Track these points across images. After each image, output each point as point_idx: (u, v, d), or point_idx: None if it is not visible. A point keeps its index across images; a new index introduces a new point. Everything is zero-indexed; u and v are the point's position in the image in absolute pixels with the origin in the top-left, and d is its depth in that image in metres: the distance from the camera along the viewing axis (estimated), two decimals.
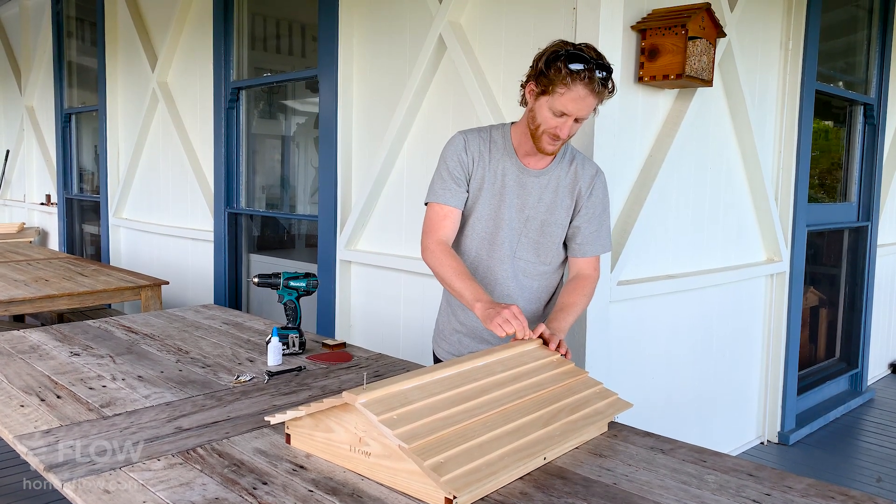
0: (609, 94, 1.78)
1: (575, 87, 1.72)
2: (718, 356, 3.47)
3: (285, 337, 2.16)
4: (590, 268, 1.98)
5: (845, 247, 4.67)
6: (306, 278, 2.23)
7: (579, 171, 1.95)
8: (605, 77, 1.74)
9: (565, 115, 1.76)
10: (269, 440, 1.48)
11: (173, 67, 4.88)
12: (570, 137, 1.84)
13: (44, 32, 6.60)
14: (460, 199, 1.93)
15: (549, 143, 1.83)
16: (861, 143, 4.57)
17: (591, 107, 1.77)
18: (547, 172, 1.93)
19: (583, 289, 1.94)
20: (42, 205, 7.06)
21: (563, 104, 1.75)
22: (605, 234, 1.99)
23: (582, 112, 1.77)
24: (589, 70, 1.71)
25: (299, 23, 4.44)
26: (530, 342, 1.72)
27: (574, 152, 1.99)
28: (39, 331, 2.43)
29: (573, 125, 1.80)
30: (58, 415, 1.61)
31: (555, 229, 1.96)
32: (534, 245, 1.97)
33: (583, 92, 1.72)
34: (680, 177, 3.08)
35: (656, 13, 2.72)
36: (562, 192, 1.94)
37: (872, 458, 3.69)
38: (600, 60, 1.74)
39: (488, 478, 1.22)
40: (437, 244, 1.90)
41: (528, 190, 1.93)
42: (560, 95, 1.74)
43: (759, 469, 1.37)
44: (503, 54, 2.85)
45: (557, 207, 1.94)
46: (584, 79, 1.71)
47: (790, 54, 3.60)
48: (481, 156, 1.93)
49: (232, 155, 4.44)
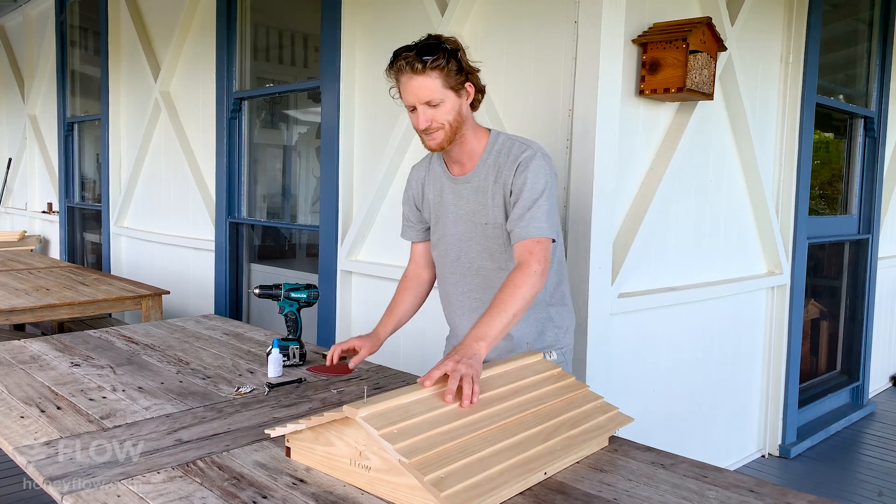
0: (440, 64, 1.75)
1: (401, 77, 1.78)
2: (719, 369, 3.46)
3: (286, 348, 2.16)
4: (523, 253, 1.76)
5: (846, 259, 4.67)
6: (307, 289, 2.23)
7: (501, 160, 1.86)
8: (417, 55, 1.74)
9: (414, 108, 1.80)
10: (270, 453, 1.48)
11: (176, 77, 4.90)
12: (448, 127, 1.81)
13: (47, 41, 6.63)
14: (418, 234, 2.11)
15: (427, 140, 1.84)
16: (861, 155, 4.58)
17: (425, 86, 1.76)
18: (473, 174, 1.90)
19: (513, 281, 1.69)
20: (44, 213, 7.07)
21: (404, 98, 1.81)
22: (535, 216, 1.78)
23: (420, 94, 1.77)
24: (398, 56, 1.77)
25: (302, 34, 4.46)
26: (529, 356, 1.72)
27: (503, 142, 1.89)
28: (40, 341, 2.42)
29: (431, 111, 1.79)
30: (58, 426, 1.61)
31: (495, 230, 1.89)
32: (486, 251, 1.93)
33: (405, 77, 1.77)
34: (681, 189, 3.09)
35: (657, 27, 2.73)
36: (490, 189, 1.87)
37: (874, 471, 3.68)
38: (420, 43, 1.78)
39: (489, 493, 1.22)
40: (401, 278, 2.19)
41: (463, 198, 1.92)
42: (401, 93, 1.82)
43: (760, 485, 1.37)
44: (504, 67, 2.86)
45: (489, 206, 1.88)
46: (401, 67, 1.77)
47: (790, 68, 3.62)
48: (422, 185, 2.03)
49: (234, 164, 4.45)
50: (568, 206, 2.62)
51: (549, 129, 2.69)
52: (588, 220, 2.56)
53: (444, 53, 1.76)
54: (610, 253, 2.69)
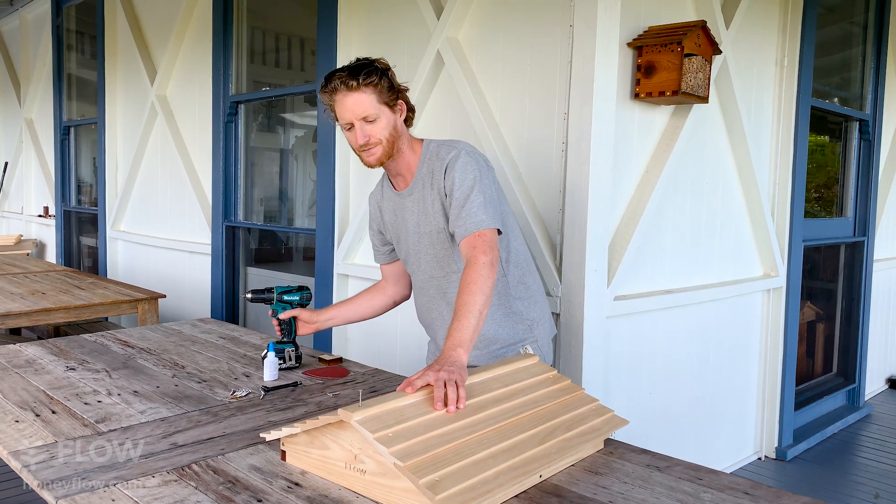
0: (372, 80, 1.79)
1: (335, 96, 1.81)
2: (716, 371, 3.47)
3: (281, 352, 2.16)
4: (468, 249, 1.75)
5: (842, 262, 4.68)
6: (300, 291, 2.22)
7: (435, 166, 1.88)
8: (350, 74, 1.78)
9: (351, 125, 1.83)
10: (265, 456, 1.48)
11: (172, 81, 4.90)
12: (385, 143, 1.85)
13: (44, 45, 6.63)
14: (384, 256, 2.18)
15: (366, 156, 1.87)
16: (857, 158, 4.60)
17: (360, 102, 1.80)
18: (413, 185, 1.95)
19: (465, 280, 1.67)
20: (40, 217, 7.06)
21: (340, 116, 1.84)
22: (470, 211, 1.78)
23: (356, 111, 1.80)
24: (331, 78, 1.81)
25: (298, 37, 4.46)
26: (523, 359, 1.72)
27: (433, 149, 1.92)
28: (35, 345, 2.42)
29: (368, 127, 1.82)
30: (53, 430, 1.60)
31: (439, 235, 1.92)
32: (435, 259, 1.97)
33: (339, 95, 1.80)
34: (676, 192, 3.09)
35: (652, 30, 2.74)
36: (428, 197, 1.91)
37: (870, 473, 3.68)
38: (351, 64, 1.82)
39: (484, 496, 1.22)
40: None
41: (409, 210, 1.97)
42: (336, 113, 1.85)
43: (755, 487, 1.37)
44: (500, 70, 2.87)
45: (430, 213, 1.91)
46: (334, 87, 1.80)
47: (785, 71, 3.63)
48: (380, 209, 2.10)
49: (230, 168, 4.45)
50: (564, 209, 2.63)
51: (545, 133, 2.70)
52: (584, 223, 2.57)
53: (376, 71, 1.81)
54: (606, 256, 2.70)
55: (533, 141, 2.74)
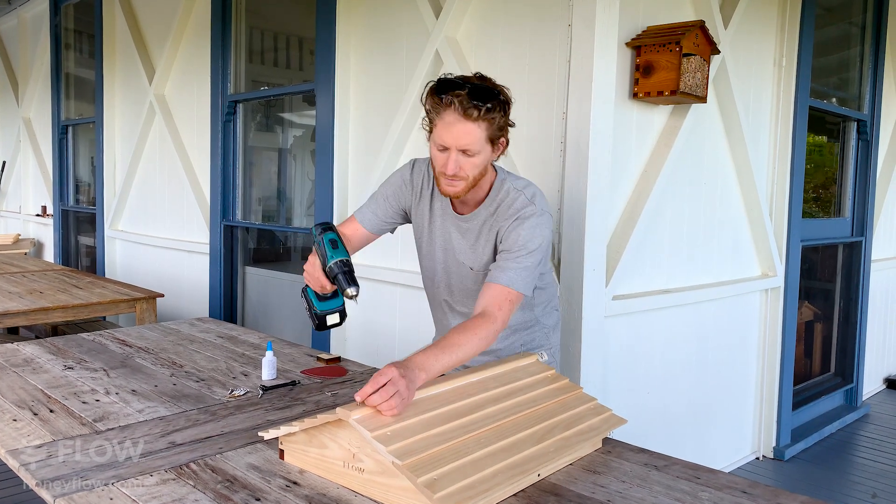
0: (493, 117, 1.62)
1: (445, 114, 1.62)
2: (714, 371, 3.47)
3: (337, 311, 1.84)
4: (493, 302, 1.65)
5: (840, 262, 4.69)
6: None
7: (502, 209, 1.76)
8: (478, 99, 1.59)
9: (447, 149, 1.66)
10: (263, 455, 1.48)
11: (171, 80, 4.90)
12: (471, 179, 1.70)
13: (42, 44, 6.62)
14: (378, 225, 1.92)
15: (446, 184, 1.71)
16: (854, 158, 4.60)
17: (470, 134, 1.62)
18: (473, 217, 1.81)
19: (477, 329, 1.58)
20: (38, 216, 7.05)
21: (439, 135, 1.65)
22: (519, 269, 1.69)
23: (460, 141, 1.62)
24: (454, 94, 1.60)
25: (297, 36, 4.46)
26: (522, 358, 1.72)
27: (507, 191, 1.78)
28: (33, 344, 2.42)
29: (463, 160, 1.65)
30: (50, 429, 1.60)
31: (478, 275, 1.83)
32: (457, 287, 1.90)
33: (451, 117, 1.61)
34: (675, 192, 3.10)
35: (651, 30, 2.74)
36: (483, 236, 1.80)
37: (868, 473, 3.69)
38: (476, 83, 1.62)
39: (482, 495, 1.22)
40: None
41: (456, 232, 1.85)
42: (436, 128, 1.66)
43: (752, 486, 1.37)
44: (499, 70, 2.87)
45: (477, 251, 1.81)
46: (449, 103, 1.60)
47: (784, 71, 3.63)
48: (418, 196, 1.89)
49: (228, 167, 4.45)
50: (562, 208, 2.63)
51: (543, 132, 2.70)
52: (582, 222, 2.57)
53: (499, 106, 1.63)
54: (604, 255, 2.70)
55: (531, 140, 2.74)
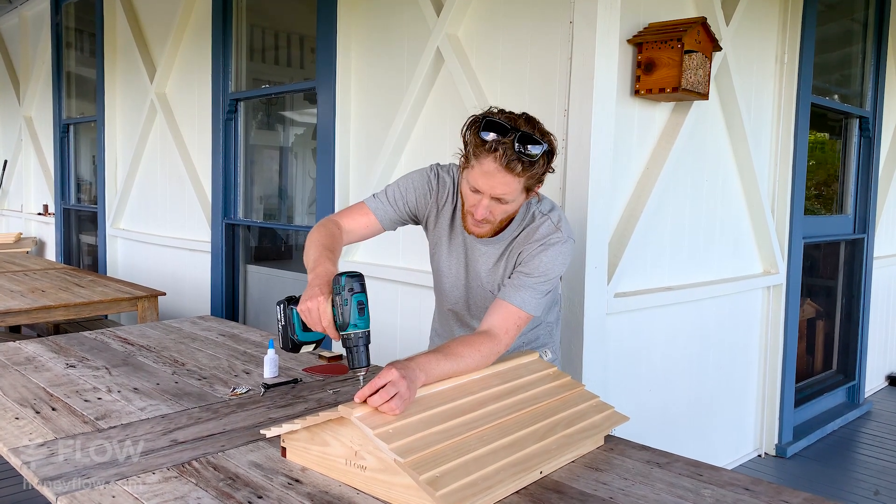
0: (534, 172, 1.53)
1: (485, 160, 1.50)
2: (716, 368, 3.46)
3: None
4: (501, 328, 1.60)
5: (842, 259, 4.68)
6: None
7: (527, 234, 1.70)
8: (523, 152, 1.48)
9: (479, 193, 1.56)
10: (265, 453, 1.48)
11: (172, 79, 4.90)
12: (498, 222, 1.64)
13: (43, 43, 6.62)
14: (392, 224, 1.80)
15: (473, 224, 1.64)
16: (857, 155, 4.59)
17: (508, 185, 1.52)
18: (497, 240, 1.74)
19: (480, 346, 1.55)
20: (39, 215, 7.05)
21: (474, 178, 1.55)
22: (531, 293, 1.64)
23: (496, 190, 1.52)
24: (498, 141, 1.48)
25: (298, 34, 4.46)
26: (523, 356, 1.72)
27: (532, 216, 1.71)
28: (35, 342, 2.42)
29: (494, 205, 1.57)
30: (53, 427, 1.60)
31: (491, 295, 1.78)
32: (472, 303, 1.86)
33: (491, 166, 1.50)
34: (676, 189, 3.09)
35: (652, 27, 2.74)
36: (503, 261, 1.75)
37: (870, 470, 3.69)
38: (523, 131, 1.49)
39: (484, 492, 1.22)
40: (328, 220, 1.73)
41: (475, 253, 1.78)
42: (472, 168, 1.55)
43: (755, 483, 1.37)
44: (500, 68, 2.87)
45: (495, 273, 1.77)
46: (492, 150, 1.48)
47: (786, 68, 3.62)
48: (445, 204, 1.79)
49: (230, 166, 4.45)
50: (563, 206, 2.63)
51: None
52: (584, 220, 2.56)
53: (543, 157, 1.53)
54: (606, 253, 2.69)
55: None
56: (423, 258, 2.10)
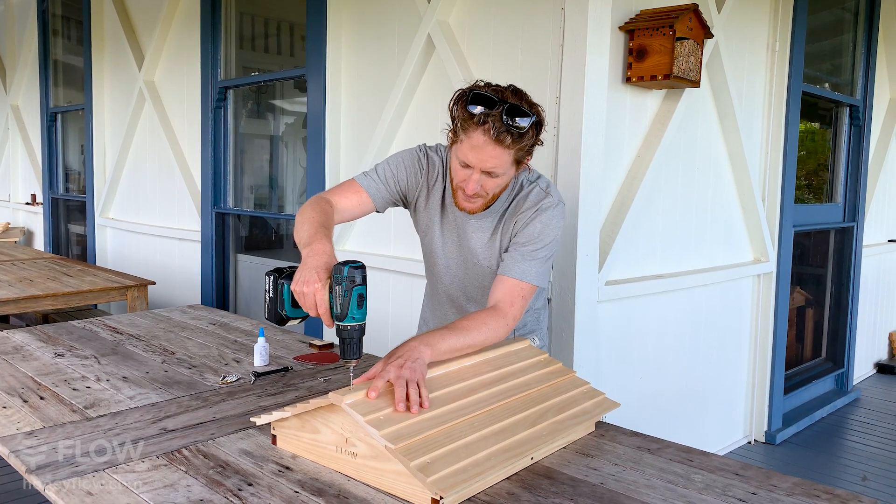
0: (525, 143, 1.54)
1: (474, 134, 1.51)
2: (706, 356, 3.48)
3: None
4: (506, 296, 1.62)
5: (831, 247, 4.71)
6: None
7: (518, 204, 1.72)
8: (512, 124, 1.49)
9: (469, 167, 1.57)
10: (255, 441, 1.47)
11: (160, 66, 4.85)
12: (490, 197, 1.64)
13: (29, 30, 6.54)
14: (382, 199, 1.77)
15: (463, 200, 1.65)
16: (847, 144, 4.61)
17: (497, 158, 1.53)
18: (487, 214, 1.74)
19: (487, 320, 1.57)
20: (27, 204, 6.99)
21: (463, 152, 1.56)
22: (530, 262, 1.66)
23: (486, 163, 1.54)
24: (486, 114, 1.49)
25: (287, 22, 4.42)
26: (516, 343, 1.72)
27: (523, 183, 1.73)
28: (23, 331, 2.40)
29: (485, 180, 1.58)
30: (41, 416, 1.59)
31: (487, 272, 1.80)
32: (468, 283, 1.85)
33: (480, 139, 1.51)
34: (668, 177, 3.09)
35: (644, 14, 2.73)
36: (499, 234, 1.75)
37: (858, 456, 3.72)
38: (511, 103, 1.51)
39: (475, 478, 1.22)
40: (320, 198, 1.69)
41: (469, 231, 1.78)
42: (460, 143, 1.56)
43: (745, 468, 1.38)
44: (491, 54, 2.85)
45: (492, 249, 1.77)
46: (480, 122, 1.49)
47: (777, 56, 3.62)
48: (435, 184, 1.79)
49: (219, 154, 4.42)
50: None
51: None
52: (575, 207, 2.56)
53: (532, 128, 1.54)
54: (597, 241, 2.69)
55: None
56: (415, 246, 2.09)
